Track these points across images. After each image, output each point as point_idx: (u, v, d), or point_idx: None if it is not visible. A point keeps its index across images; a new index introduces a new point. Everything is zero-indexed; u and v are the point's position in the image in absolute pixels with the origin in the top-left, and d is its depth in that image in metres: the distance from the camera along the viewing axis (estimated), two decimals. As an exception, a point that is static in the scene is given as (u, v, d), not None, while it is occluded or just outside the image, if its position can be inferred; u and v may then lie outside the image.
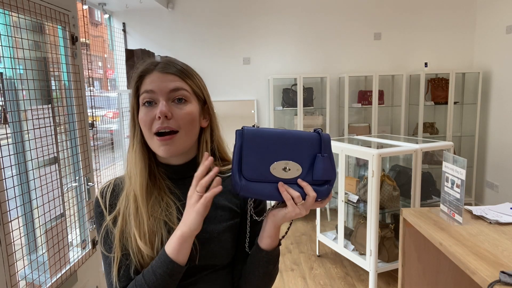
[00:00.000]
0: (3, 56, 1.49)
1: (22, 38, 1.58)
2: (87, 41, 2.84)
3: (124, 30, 4.20)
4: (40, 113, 1.64)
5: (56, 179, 1.75)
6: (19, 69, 1.63)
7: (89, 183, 2.01)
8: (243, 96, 4.32)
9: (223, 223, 0.84)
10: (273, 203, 0.80)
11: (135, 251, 0.78)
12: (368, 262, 2.58)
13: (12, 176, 1.53)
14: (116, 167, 3.46)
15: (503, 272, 1.10)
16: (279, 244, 0.83)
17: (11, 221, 1.42)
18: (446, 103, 4.01)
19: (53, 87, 1.88)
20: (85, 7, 2.82)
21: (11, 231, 1.41)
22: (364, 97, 4.16)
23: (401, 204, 2.80)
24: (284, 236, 0.85)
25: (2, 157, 1.37)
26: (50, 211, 1.69)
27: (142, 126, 0.81)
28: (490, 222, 1.50)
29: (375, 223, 2.51)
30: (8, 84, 1.58)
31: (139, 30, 4.21)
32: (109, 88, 4.59)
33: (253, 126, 0.73)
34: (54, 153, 1.74)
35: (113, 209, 0.84)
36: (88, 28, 2.85)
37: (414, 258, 1.73)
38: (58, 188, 1.76)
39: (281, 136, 0.73)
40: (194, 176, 0.74)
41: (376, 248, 2.54)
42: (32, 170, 1.66)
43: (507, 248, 1.28)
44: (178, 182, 0.86)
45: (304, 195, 0.73)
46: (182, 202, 0.82)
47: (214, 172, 0.74)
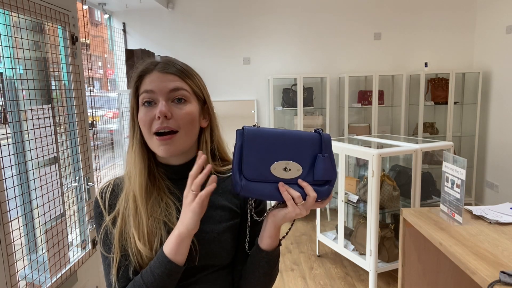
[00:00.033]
0: (3, 56, 1.49)
1: (22, 38, 1.58)
2: (87, 41, 2.84)
3: (124, 30, 4.20)
4: (40, 113, 1.64)
5: (56, 179, 1.75)
6: (19, 69, 1.63)
7: (89, 183, 2.01)
8: (243, 96, 4.32)
9: (223, 224, 0.83)
10: (273, 203, 0.79)
11: (134, 251, 0.78)
12: (368, 262, 2.58)
13: (12, 176, 1.53)
14: (116, 167, 3.46)
15: (503, 272, 1.10)
16: (279, 244, 0.83)
17: (11, 221, 1.42)
18: (446, 103, 4.01)
19: (53, 87, 1.88)
20: (85, 7, 2.82)
21: (11, 231, 1.41)
22: (364, 97, 4.16)
23: (401, 204, 2.80)
24: (284, 236, 0.85)
25: (2, 157, 1.37)
26: (50, 211, 1.69)
27: (141, 126, 0.81)
28: (490, 222, 1.50)
29: (375, 223, 2.51)
30: (8, 84, 1.58)
31: (139, 30, 4.21)
32: (109, 88, 4.59)
33: (253, 126, 0.73)
34: (54, 153, 1.74)
35: (112, 209, 0.84)
36: (88, 28, 2.85)
37: (414, 258, 1.73)
38: (58, 188, 1.76)
39: (281, 136, 0.73)
40: (188, 176, 0.74)
41: (376, 248, 2.54)
42: (32, 170, 1.66)
43: (507, 248, 1.28)
44: (178, 182, 0.86)
45: (304, 195, 0.73)
46: (181, 203, 0.81)
47: (208, 170, 0.73)
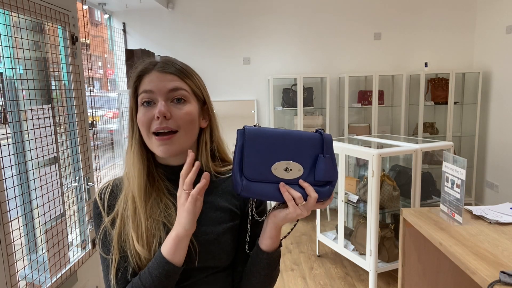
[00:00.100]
0: (3, 56, 1.49)
1: (22, 38, 1.58)
2: (87, 41, 2.84)
3: (124, 30, 4.20)
4: (40, 113, 1.64)
5: (56, 179, 1.75)
6: (19, 69, 1.63)
7: (89, 183, 2.01)
8: (243, 96, 4.32)
9: (222, 225, 0.83)
10: (274, 204, 0.79)
11: (133, 253, 0.78)
12: (368, 262, 2.58)
13: (12, 176, 1.53)
14: (116, 167, 3.47)
15: (503, 272, 1.10)
16: (280, 245, 0.82)
17: (11, 221, 1.42)
18: (446, 103, 4.01)
19: (53, 87, 1.88)
20: (85, 7, 2.82)
21: (11, 231, 1.41)
22: (364, 97, 4.16)
23: (401, 204, 2.80)
24: (285, 236, 0.84)
25: (2, 157, 1.37)
26: (50, 211, 1.69)
27: (140, 126, 0.80)
28: (490, 222, 1.50)
29: (375, 223, 2.51)
30: (8, 84, 1.58)
31: (139, 30, 4.21)
32: (109, 88, 4.59)
33: (254, 126, 0.72)
34: (54, 153, 1.74)
35: (111, 210, 0.83)
36: (88, 28, 2.85)
37: (414, 258, 1.73)
38: (58, 188, 1.76)
39: (282, 136, 0.72)
40: (180, 175, 0.74)
41: (376, 248, 2.54)
42: (32, 170, 1.66)
43: (507, 248, 1.28)
44: (177, 183, 0.84)
45: (305, 196, 0.72)
46: None
47: (196, 167, 0.73)
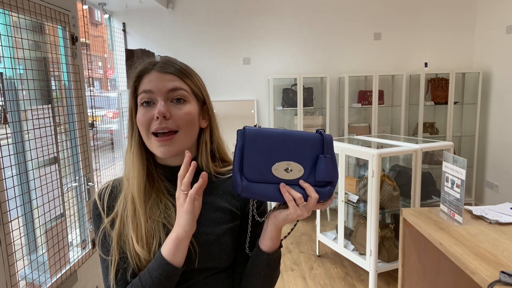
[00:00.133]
0: (3, 56, 1.49)
1: (22, 38, 1.58)
2: (87, 41, 2.84)
3: (124, 30, 4.20)
4: (40, 113, 1.64)
5: (56, 179, 1.75)
6: (19, 69, 1.63)
7: (89, 183, 2.01)
8: (243, 96, 4.32)
9: (222, 225, 0.82)
10: (274, 204, 0.79)
11: (133, 254, 0.77)
12: (368, 262, 2.58)
13: (12, 176, 1.53)
14: (116, 167, 3.46)
15: (503, 272, 1.10)
16: (281, 246, 0.82)
17: (11, 221, 1.42)
18: (446, 103, 4.01)
19: (53, 87, 1.88)
20: (85, 7, 2.82)
21: (11, 231, 1.41)
22: (364, 97, 4.16)
23: (401, 204, 2.80)
24: (285, 237, 0.84)
25: (2, 157, 1.37)
26: (50, 211, 1.69)
27: (139, 127, 0.80)
28: (490, 222, 1.50)
29: (375, 223, 2.51)
30: (8, 84, 1.58)
31: (139, 30, 4.21)
32: (109, 88, 4.59)
33: (254, 126, 0.72)
34: (54, 153, 1.74)
35: (111, 211, 0.83)
36: (88, 28, 2.85)
37: (414, 258, 1.73)
38: (58, 188, 1.76)
39: (283, 136, 0.72)
40: (178, 176, 0.74)
41: (376, 248, 2.54)
42: (32, 170, 1.66)
43: (507, 248, 1.28)
44: (177, 183, 0.85)
45: (306, 197, 0.72)
46: None
47: (193, 167, 0.73)
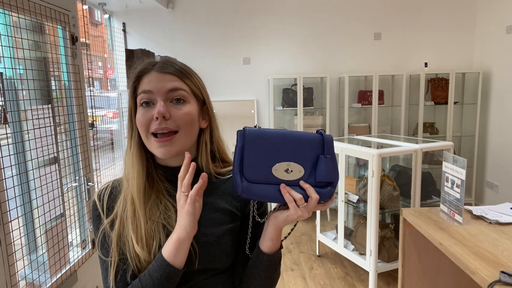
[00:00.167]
0: (3, 56, 1.49)
1: (22, 38, 1.58)
2: (87, 41, 2.84)
3: (124, 30, 4.20)
4: (40, 113, 1.64)
5: (56, 179, 1.75)
6: (19, 69, 1.63)
7: (89, 183, 2.01)
8: (243, 96, 4.32)
9: (222, 226, 0.82)
10: (274, 205, 0.79)
11: (133, 255, 0.77)
12: (368, 262, 2.58)
13: (12, 176, 1.53)
14: (116, 167, 3.46)
15: (503, 272, 1.10)
16: (281, 247, 0.81)
17: (11, 221, 1.42)
18: (446, 103, 4.01)
19: (53, 87, 1.88)
20: (85, 7, 2.82)
21: (11, 231, 1.41)
22: (364, 97, 4.16)
23: (401, 204, 2.80)
24: (286, 237, 0.84)
25: (2, 157, 1.37)
26: (50, 211, 1.69)
27: (139, 127, 0.79)
28: (490, 222, 1.50)
29: (375, 223, 2.50)
30: (8, 84, 1.58)
31: (139, 30, 4.21)
32: (109, 88, 4.59)
33: (254, 127, 0.72)
34: (54, 153, 1.74)
35: (110, 212, 0.82)
36: (88, 28, 2.85)
37: (414, 258, 1.73)
38: (58, 188, 1.76)
39: (283, 137, 0.72)
40: (179, 178, 0.73)
41: (376, 248, 2.54)
42: (32, 170, 1.66)
43: (507, 248, 1.28)
44: (177, 184, 0.84)
45: (306, 197, 0.72)
46: None
47: (192, 168, 0.73)
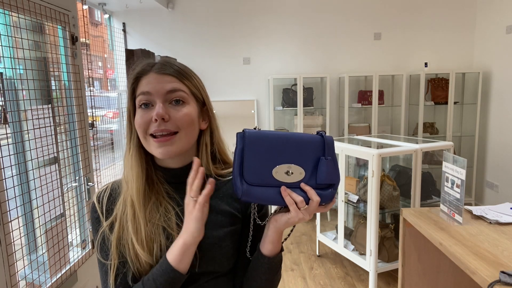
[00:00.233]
0: (3, 56, 1.49)
1: (22, 38, 1.58)
2: (87, 41, 2.84)
3: (124, 30, 4.20)
4: (40, 113, 1.64)
5: (56, 179, 1.75)
6: (19, 69, 1.63)
7: (89, 183, 2.01)
8: (243, 96, 4.32)
9: (223, 229, 0.81)
10: (275, 207, 0.78)
11: (133, 258, 0.76)
12: (368, 262, 2.58)
13: (12, 176, 1.53)
14: (116, 167, 3.46)
15: (503, 272, 1.10)
16: (282, 250, 0.81)
17: (11, 221, 1.42)
18: (446, 103, 4.01)
19: (53, 87, 1.88)
20: (85, 7, 2.82)
21: (11, 231, 1.41)
22: (364, 97, 4.16)
23: (401, 204, 2.80)
24: (286, 239, 0.83)
25: (2, 157, 1.37)
26: (50, 211, 1.69)
27: (137, 129, 0.78)
28: (490, 222, 1.50)
29: (375, 223, 2.50)
30: (8, 84, 1.58)
31: (139, 30, 4.21)
32: (109, 88, 4.59)
33: (254, 129, 0.71)
34: (54, 153, 1.74)
35: (110, 214, 0.81)
36: (88, 28, 2.85)
37: (414, 258, 1.73)
38: (58, 188, 1.76)
39: (283, 139, 0.71)
40: (187, 183, 0.73)
41: (376, 248, 2.54)
42: (32, 170, 1.66)
43: (507, 248, 1.28)
44: (178, 186, 0.83)
45: (307, 200, 0.71)
46: (181, 207, 0.80)
47: (202, 173, 0.73)
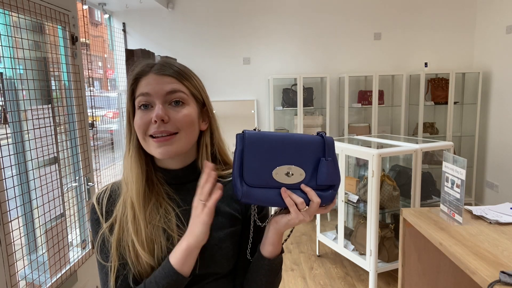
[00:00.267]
0: (3, 56, 1.49)
1: (22, 38, 1.58)
2: (87, 41, 2.84)
3: (124, 30, 4.20)
4: (40, 113, 1.64)
5: (56, 179, 1.75)
6: (19, 69, 1.63)
7: (89, 183, 2.01)
8: (243, 96, 4.32)
9: (224, 230, 0.81)
10: (275, 209, 0.78)
11: (133, 260, 0.76)
12: (368, 262, 2.58)
13: (12, 176, 1.53)
14: (116, 167, 3.46)
15: (503, 272, 1.10)
16: (282, 251, 0.80)
17: (11, 221, 1.42)
18: (446, 103, 4.01)
19: (53, 87, 1.88)
20: (85, 7, 2.82)
21: (11, 231, 1.41)
22: (364, 97, 4.16)
23: (401, 204, 2.80)
24: (286, 240, 0.83)
25: (2, 157, 1.37)
26: (50, 211, 1.69)
27: (136, 130, 0.78)
28: (490, 222, 1.50)
29: (375, 223, 2.50)
30: (8, 84, 1.58)
31: (139, 30, 4.21)
32: (109, 88, 4.59)
33: (254, 130, 0.71)
34: (54, 153, 1.74)
35: (109, 216, 0.81)
36: (88, 28, 2.85)
37: (414, 258, 1.73)
38: (58, 188, 1.76)
39: (283, 140, 0.71)
40: (198, 185, 0.73)
41: (376, 248, 2.54)
42: (32, 170, 1.66)
43: (507, 248, 1.28)
44: (178, 187, 0.83)
45: (307, 201, 0.71)
46: (181, 208, 0.80)
47: (214, 178, 0.72)
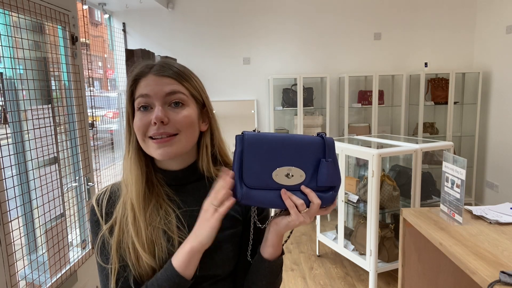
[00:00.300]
0: (3, 56, 1.49)
1: (22, 38, 1.58)
2: (87, 41, 2.84)
3: (124, 30, 4.20)
4: (40, 113, 1.64)
5: (56, 179, 1.75)
6: (19, 69, 1.63)
7: (89, 183, 2.01)
8: (243, 96, 4.32)
9: (224, 232, 0.79)
10: (275, 210, 0.78)
11: (134, 261, 0.75)
12: (368, 262, 2.58)
13: (12, 176, 1.53)
14: (116, 167, 3.46)
15: (503, 272, 1.10)
16: (282, 253, 0.80)
17: (11, 221, 1.42)
18: (446, 103, 4.01)
19: (53, 87, 1.88)
20: (85, 7, 2.82)
21: (11, 231, 1.41)
22: (364, 97, 4.16)
23: (401, 204, 2.80)
24: (286, 241, 0.83)
25: (2, 157, 1.37)
26: (50, 211, 1.69)
27: (136, 131, 0.77)
28: (490, 222, 1.50)
29: (375, 223, 2.50)
30: (8, 84, 1.58)
31: (139, 30, 4.21)
32: (109, 88, 4.59)
33: (253, 131, 0.71)
34: (54, 153, 1.74)
35: (109, 217, 0.80)
36: (88, 28, 2.85)
37: (414, 258, 1.73)
38: (58, 188, 1.76)
39: (283, 141, 0.70)
40: (212, 189, 0.72)
41: (376, 248, 2.54)
42: (32, 170, 1.66)
43: (507, 248, 1.28)
44: (178, 189, 0.82)
45: (308, 202, 0.70)
46: (181, 210, 0.80)
47: (230, 184, 0.71)
